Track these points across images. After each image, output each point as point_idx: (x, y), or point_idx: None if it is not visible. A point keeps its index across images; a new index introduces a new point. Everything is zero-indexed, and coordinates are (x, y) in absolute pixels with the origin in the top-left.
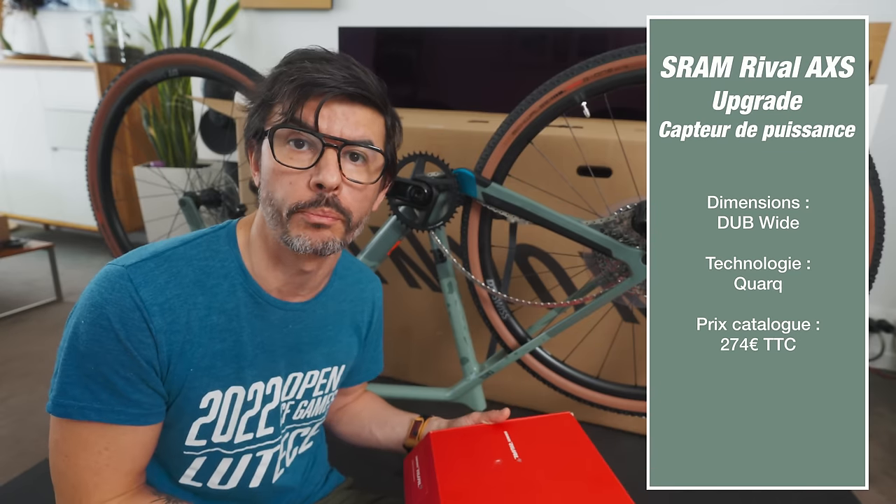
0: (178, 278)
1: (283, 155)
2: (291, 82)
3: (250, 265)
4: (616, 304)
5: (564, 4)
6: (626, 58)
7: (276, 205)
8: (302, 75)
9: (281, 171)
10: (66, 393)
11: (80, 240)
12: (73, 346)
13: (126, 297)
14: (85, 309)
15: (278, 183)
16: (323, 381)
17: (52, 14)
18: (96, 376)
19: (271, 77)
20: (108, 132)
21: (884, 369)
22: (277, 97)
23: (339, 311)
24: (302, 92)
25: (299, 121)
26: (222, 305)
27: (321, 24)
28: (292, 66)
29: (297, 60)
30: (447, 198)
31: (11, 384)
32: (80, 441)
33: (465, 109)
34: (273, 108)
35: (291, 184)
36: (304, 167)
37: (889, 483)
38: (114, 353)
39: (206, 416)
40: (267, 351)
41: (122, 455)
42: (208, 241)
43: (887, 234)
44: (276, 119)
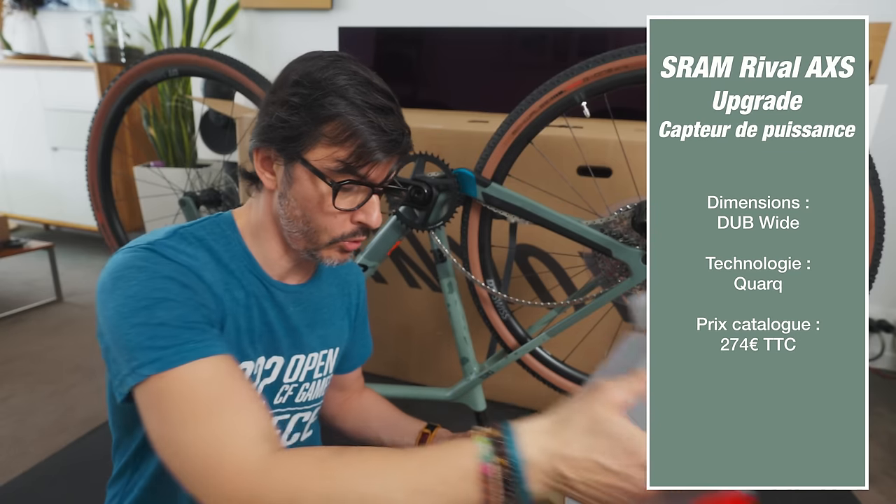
0: (199, 252)
1: (338, 200)
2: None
3: (253, 248)
4: (616, 304)
5: (564, 4)
6: (626, 58)
7: (315, 230)
8: (364, 133)
9: (329, 210)
10: (152, 347)
11: (80, 240)
12: (132, 309)
13: (166, 262)
14: (127, 278)
15: (321, 216)
16: (321, 364)
17: (52, 14)
18: (174, 321)
19: (322, 115)
20: (108, 132)
21: (884, 369)
22: (328, 139)
23: (330, 295)
24: (368, 157)
25: (363, 177)
26: (239, 281)
27: (321, 24)
28: (356, 111)
29: (361, 105)
30: (447, 198)
31: (11, 384)
32: (194, 384)
33: (465, 109)
34: (321, 140)
35: (335, 218)
36: (353, 209)
37: (889, 483)
38: (181, 295)
39: (268, 377)
40: (271, 330)
41: (237, 386)
42: (211, 224)
43: (887, 234)
44: (328, 162)
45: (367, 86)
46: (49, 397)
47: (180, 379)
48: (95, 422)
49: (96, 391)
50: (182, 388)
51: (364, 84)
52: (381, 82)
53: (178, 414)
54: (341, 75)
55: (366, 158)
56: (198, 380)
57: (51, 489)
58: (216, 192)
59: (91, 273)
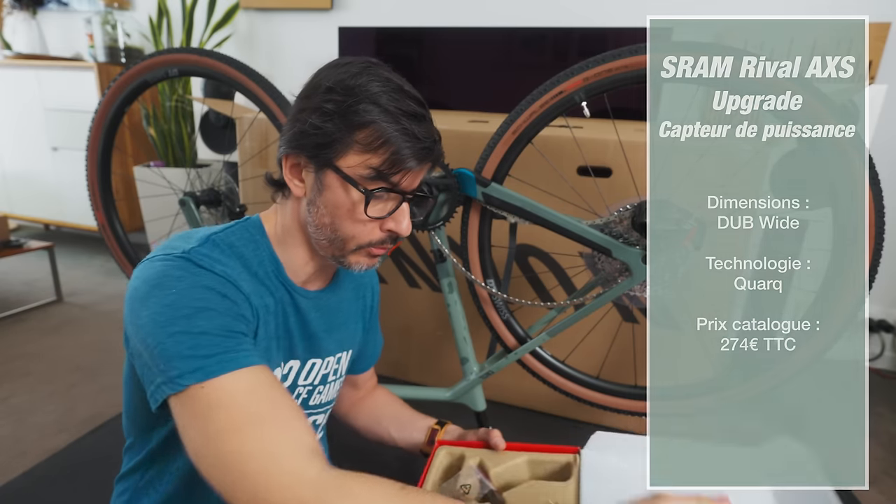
0: (231, 260)
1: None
2: (384, 145)
3: (280, 254)
4: (616, 304)
5: (564, 5)
6: (626, 58)
7: (343, 237)
8: (397, 140)
9: (359, 217)
10: (193, 356)
11: (80, 240)
12: (170, 317)
13: (205, 273)
14: (166, 287)
15: (351, 222)
16: (336, 367)
17: (52, 14)
18: (215, 330)
19: (355, 121)
20: (108, 132)
21: (884, 369)
22: (361, 146)
23: (346, 299)
24: (400, 165)
25: (395, 185)
26: (267, 288)
27: (321, 24)
28: (373, 112)
29: (394, 112)
30: (447, 198)
31: (11, 384)
32: (235, 394)
33: (465, 109)
34: (353, 147)
35: (365, 226)
36: (383, 216)
37: (889, 483)
38: (221, 305)
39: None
40: (290, 336)
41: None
42: (241, 229)
43: (887, 234)
44: (360, 170)
45: (399, 92)
46: (49, 397)
47: (222, 389)
48: (95, 422)
49: (96, 391)
50: (223, 398)
51: (397, 91)
52: (412, 89)
53: (221, 425)
54: (374, 82)
55: (399, 166)
56: (239, 390)
57: (51, 489)
58: (216, 192)
59: (91, 273)
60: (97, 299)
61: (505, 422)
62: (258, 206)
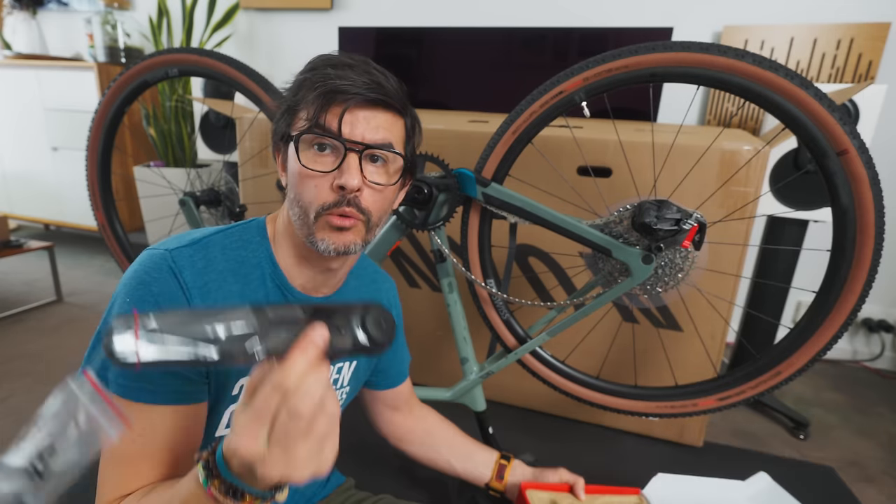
0: (213, 264)
1: (307, 159)
2: (315, 89)
3: (278, 256)
4: (616, 304)
5: (564, 5)
6: (626, 58)
7: (302, 206)
8: (325, 82)
9: (306, 175)
10: (122, 373)
11: (80, 240)
12: None
13: (170, 278)
14: (129, 287)
15: (304, 186)
16: (335, 377)
17: (52, 14)
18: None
19: (296, 83)
20: (108, 132)
21: (884, 369)
22: (302, 103)
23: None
24: (325, 99)
25: (323, 126)
26: (254, 294)
27: (321, 24)
28: (316, 72)
29: (320, 67)
30: (447, 198)
31: (11, 384)
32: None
33: (465, 109)
34: (298, 113)
35: (316, 186)
36: (327, 170)
37: (889, 483)
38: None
39: (236, 402)
40: None
41: (157, 442)
42: (241, 231)
43: (887, 234)
44: (301, 125)
45: (346, 57)
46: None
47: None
48: None
49: None
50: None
51: (345, 56)
52: (367, 59)
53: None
54: (315, 59)
55: (323, 102)
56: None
57: None
58: (216, 192)
59: (91, 273)
60: (97, 299)
61: (505, 422)
62: (258, 206)
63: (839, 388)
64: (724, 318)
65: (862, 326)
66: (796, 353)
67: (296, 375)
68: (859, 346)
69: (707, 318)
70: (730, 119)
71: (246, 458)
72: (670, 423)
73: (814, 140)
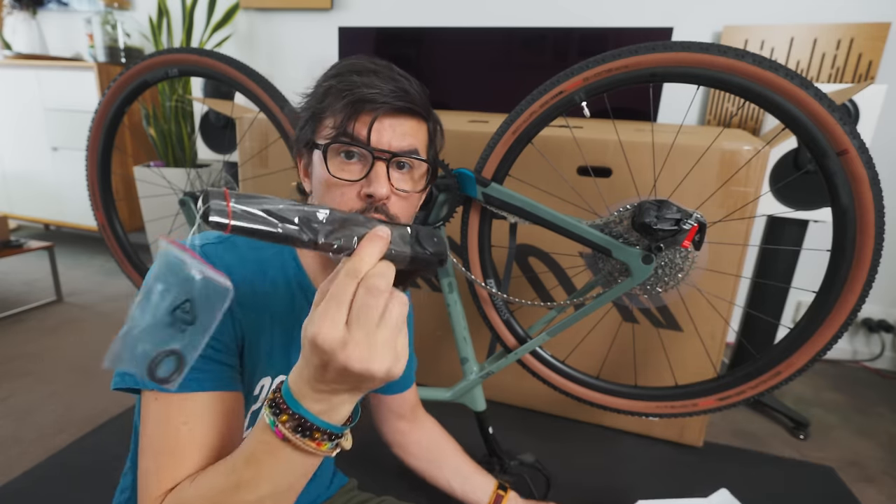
0: (244, 262)
1: (335, 167)
2: (343, 97)
3: (303, 261)
4: (616, 304)
5: (564, 5)
6: (626, 58)
7: None
8: (353, 90)
9: (333, 183)
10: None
11: (80, 240)
12: None
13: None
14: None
15: (330, 194)
16: None
17: (52, 14)
18: None
19: (322, 90)
20: (108, 132)
21: (884, 369)
22: (328, 111)
23: None
24: (354, 108)
25: (352, 135)
26: (280, 295)
27: (321, 24)
28: (341, 78)
29: (345, 73)
30: (447, 198)
31: (11, 384)
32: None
33: (465, 109)
34: (324, 120)
35: (343, 194)
36: (355, 179)
37: (889, 483)
38: None
39: (256, 403)
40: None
41: (204, 427)
42: None
43: (887, 234)
44: (327, 132)
45: (371, 63)
46: (49, 397)
47: (170, 407)
48: (95, 422)
49: (96, 391)
50: (165, 416)
51: (369, 62)
52: (391, 65)
53: (150, 436)
54: (347, 60)
55: (351, 112)
56: (180, 413)
57: (51, 489)
58: None
59: (91, 273)
60: (97, 299)
61: (505, 422)
62: None
63: (839, 388)
64: (724, 318)
65: (862, 326)
66: (796, 353)
67: (369, 258)
68: (859, 346)
69: (707, 318)
70: (730, 119)
71: (326, 344)
72: (670, 424)
73: (814, 140)
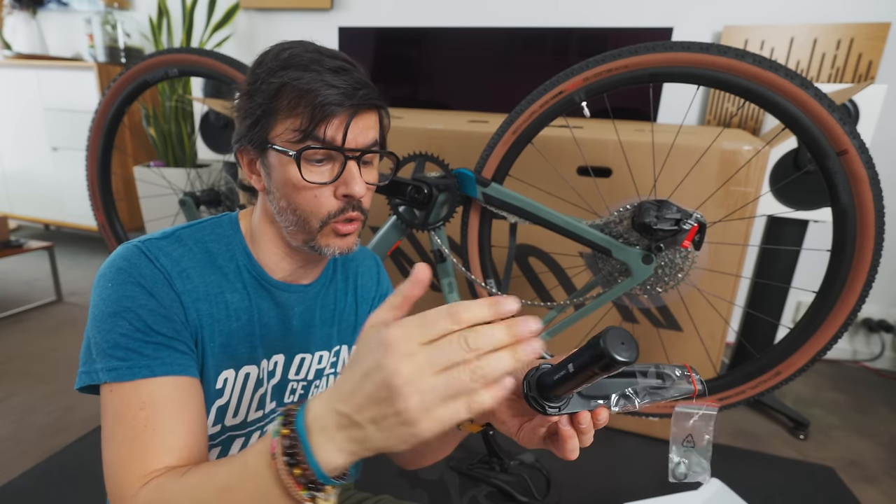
0: (191, 254)
1: (307, 172)
2: (301, 100)
3: (254, 251)
4: (616, 304)
5: (564, 5)
6: (626, 58)
7: (301, 215)
8: (313, 91)
9: (304, 186)
10: (112, 356)
11: (80, 240)
12: (102, 312)
13: (146, 264)
14: (107, 277)
15: (301, 197)
16: (333, 360)
17: (52, 14)
18: (135, 334)
19: (274, 88)
20: (108, 132)
21: (884, 369)
22: (283, 111)
23: (343, 289)
24: (322, 112)
25: (323, 140)
26: (233, 284)
27: (321, 24)
28: (292, 75)
29: (294, 68)
30: (447, 198)
31: (11, 384)
32: (131, 402)
33: (465, 109)
34: (277, 119)
35: (317, 197)
36: (328, 181)
37: (889, 483)
38: (146, 306)
39: (221, 397)
40: (274, 331)
41: (163, 411)
42: (213, 225)
43: (887, 234)
44: (289, 135)
45: (315, 53)
46: (49, 397)
47: (125, 395)
48: (95, 422)
49: None
50: (120, 405)
51: (313, 52)
52: (331, 50)
53: (110, 427)
54: (288, 50)
55: (319, 116)
56: (136, 399)
57: (51, 489)
58: (216, 192)
59: (91, 273)
60: None
61: None
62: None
63: (839, 388)
64: (724, 318)
65: (862, 326)
66: (796, 353)
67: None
68: (859, 346)
69: (707, 318)
70: (730, 119)
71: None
72: (670, 423)
73: (814, 140)
